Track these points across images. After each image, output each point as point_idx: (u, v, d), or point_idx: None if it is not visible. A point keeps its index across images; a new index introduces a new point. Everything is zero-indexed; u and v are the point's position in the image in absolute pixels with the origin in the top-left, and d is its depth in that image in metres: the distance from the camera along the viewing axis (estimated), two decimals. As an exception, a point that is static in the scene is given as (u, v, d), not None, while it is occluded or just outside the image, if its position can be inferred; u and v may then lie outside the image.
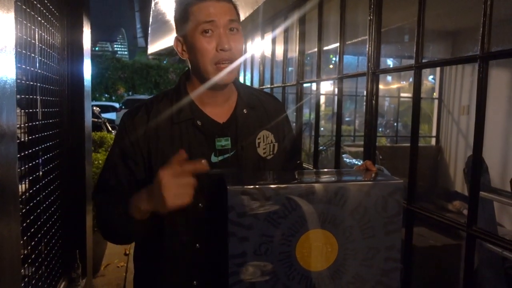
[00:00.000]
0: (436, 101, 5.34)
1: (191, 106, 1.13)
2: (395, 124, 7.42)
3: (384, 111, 11.76)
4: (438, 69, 5.25)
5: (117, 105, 19.91)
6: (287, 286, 0.94)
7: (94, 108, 7.59)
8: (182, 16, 1.08)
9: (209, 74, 1.07)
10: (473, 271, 1.28)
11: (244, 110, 1.16)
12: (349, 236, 0.95)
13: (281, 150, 1.20)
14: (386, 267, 0.98)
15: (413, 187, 1.60)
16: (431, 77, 6.70)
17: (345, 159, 4.79)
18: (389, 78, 9.19)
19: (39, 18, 1.91)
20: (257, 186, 0.91)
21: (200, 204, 1.07)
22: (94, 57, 28.29)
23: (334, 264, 0.96)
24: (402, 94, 7.71)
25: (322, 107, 10.31)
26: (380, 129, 9.92)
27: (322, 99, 9.31)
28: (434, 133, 5.38)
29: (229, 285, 0.92)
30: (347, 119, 10.02)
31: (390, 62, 7.75)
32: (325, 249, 0.95)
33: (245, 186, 0.91)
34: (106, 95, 26.37)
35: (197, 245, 1.09)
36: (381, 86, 7.70)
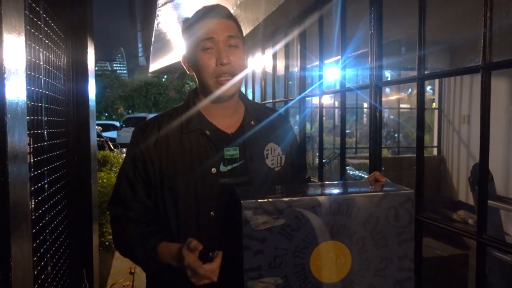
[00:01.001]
0: (436, 111, 5.37)
1: (200, 118, 1.17)
2: (396, 135, 7.44)
3: (384, 123, 11.80)
4: (436, 80, 5.29)
5: (117, 123, 19.99)
6: None
7: (96, 127, 7.64)
8: (187, 34, 1.15)
9: (211, 87, 1.12)
10: (485, 280, 1.28)
11: (252, 122, 1.20)
12: (362, 246, 0.96)
13: (288, 163, 1.23)
14: (400, 277, 0.98)
15: (421, 197, 1.60)
16: (429, 87, 6.74)
17: (348, 171, 4.80)
18: (387, 90, 9.24)
19: (46, 40, 1.95)
20: (270, 200, 0.92)
21: (211, 213, 1.10)
22: (94, 76, 28.52)
23: (348, 275, 0.96)
24: (402, 105, 7.75)
25: (324, 120, 10.35)
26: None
27: (324, 113, 9.30)
28: (435, 143, 5.40)
29: None
30: (347, 131, 10.04)
31: (388, 74, 7.81)
32: (339, 260, 0.96)
33: (259, 200, 0.92)
34: (106, 114, 26.46)
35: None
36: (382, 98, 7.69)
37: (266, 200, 0.92)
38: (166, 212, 1.14)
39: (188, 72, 1.20)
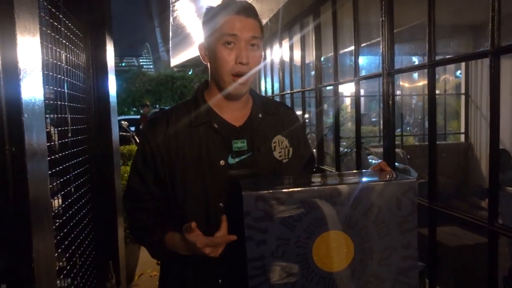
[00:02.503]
0: (462, 97, 5.23)
1: (208, 111, 1.19)
2: (423, 122, 7.28)
3: (411, 109, 11.54)
4: (463, 64, 5.15)
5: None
6: (305, 287, 0.96)
7: (123, 122, 7.79)
8: (209, 24, 1.15)
9: (225, 83, 1.14)
10: (497, 269, 1.26)
11: (260, 115, 1.22)
12: (365, 236, 0.97)
13: (296, 155, 1.24)
14: (404, 265, 0.98)
15: (434, 185, 1.58)
16: (458, 72, 6.55)
17: (370, 160, 4.75)
18: (415, 75, 9.03)
19: (64, 41, 2.01)
20: (270, 191, 0.94)
21: (220, 204, 1.13)
22: (121, 72, 29.04)
23: (351, 264, 0.97)
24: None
25: (348, 109, 10.22)
26: (408, 128, 9.73)
27: (347, 101, 9.23)
28: (462, 129, 5.26)
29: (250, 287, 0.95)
30: (373, 119, 9.89)
31: (415, 60, 7.62)
32: (341, 250, 0.97)
33: (259, 192, 0.94)
34: (134, 109, 26.95)
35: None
36: (406, 84, 7.55)
37: (266, 191, 0.94)
38: (177, 203, 1.17)
39: (203, 61, 1.21)
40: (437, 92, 7.76)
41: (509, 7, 1.22)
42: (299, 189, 0.96)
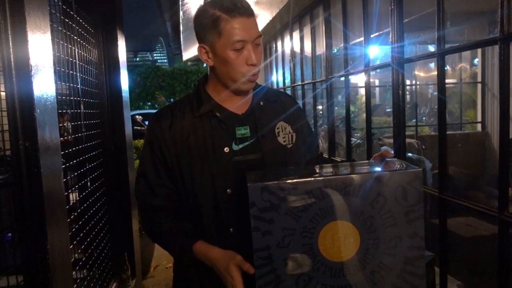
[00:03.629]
0: (479, 86, 5.12)
1: (210, 102, 1.21)
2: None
3: (427, 99, 11.35)
4: (479, 52, 5.04)
5: (159, 112, 20.41)
6: (311, 277, 0.97)
7: (137, 116, 7.86)
8: (211, 27, 1.12)
9: (239, 84, 1.17)
10: (508, 258, 1.24)
11: (261, 102, 1.24)
12: (370, 226, 0.97)
13: (300, 140, 1.26)
14: (411, 255, 0.98)
15: (444, 176, 1.57)
16: (476, 60, 6.42)
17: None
18: (431, 65, 8.88)
19: (76, 38, 2.04)
20: (275, 182, 0.95)
21: (228, 190, 1.15)
22: (135, 67, 29.23)
23: (357, 254, 0.97)
24: (446, 80, 7.42)
25: (362, 99, 10.10)
26: (423, 118, 9.60)
27: (362, 92, 9.14)
28: (479, 118, 5.16)
29: (256, 278, 0.96)
30: (387, 110, 9.76)
31: (432, 48, 7.48)
32: (347, 240, 0.97)
33: (265, 183, 0.95)
34: (149, 104, 27.16)
35: (231, 229, 1.16)
36: (422, 74, 7.40)
37: (272, 182, 0.95)
38: (186, 193, 1.20)
39: (205, 63, 1.20)
40: (453, 80, 7.63)
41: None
42: (304, 179, 0.96)
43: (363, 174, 0.98)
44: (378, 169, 1.03)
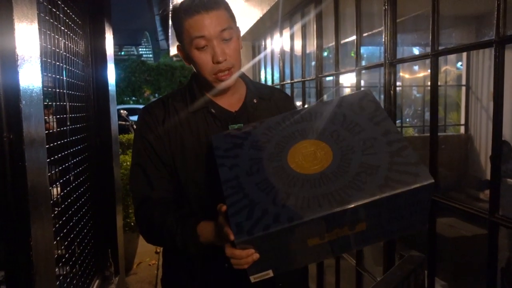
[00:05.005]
0: (463, 88, 5.20)
1: (204, 98, 1.19)
2: (423, 113, 7.26)
3: (411, 101, 11.49)
4: (464, 55, 5.12)
5: (144, 107, 20.25)
6: (290, 193, 0.90)
7: (122, 111, 7.76)
8: (177, 29, 1.13)
9: (211, 83, 1.14)
10: (496, 260, 1.26)
11: (254, 100, 1.23)
12: (338, 137, 0.97)
13: None
14: (393, 148, 0.92)
15: (435, 176, 1.58)
16: (459, 63, 6.51)
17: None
18: (415, 67, 8.99)
19: (63, 28, 1.99)
20: (236, 127, 1.04)
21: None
22: (120, 61, 28.88)
23: (333, 162, 0.93)
24: (428, 83, 7.53)
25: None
26: (407, 120, 9.72)
27: (347, 92, 9.22)
28: (462, 121, 5.24)
29: (227, 206, 0.91)
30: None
31: (416, 51, 7.57)
32: (318, 153, 0.96)
33: (226, 132, 1.05)
34: (134, 98, 26.89)
35: None
36: (407, 76, 7.49)
37: (234, 130, 1.03)
38: (179, 189, 1.17)
39: (185, 63, 1.20)
40: (438, 84, 7.72)
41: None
42: (263, 120, 1.05)
43: (314, 105, 1.06)
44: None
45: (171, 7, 1.18)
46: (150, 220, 1.13)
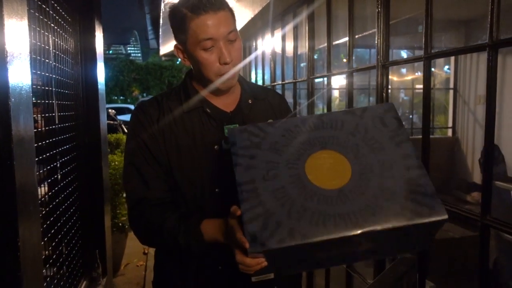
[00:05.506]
0: (451, 92, 5.27)
1: (199, 97, 1.17)
2: (410, 116, 7.33)
3: (399, 104, 11.60)
4: (452, 59, 5.18)
5: (132, 107, 20.16)
6: (306, 207, 0.88)
7: (110, 110, 7.70)
8: (180, 27, 1.10)
9: (215, 84, 1.13)
10: (488, 262, 1.27)
11: (249, 100, 1.22)
12: (357, 152, 0.94)
13: None
14: (410, 175, 0.91)
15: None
16: (446, 67, 6.59)
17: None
18: (403, 70, 9.08)
19: (53, 25, 1.96)
20: (254, 125, 0.98)
21: (216, 190, 1.12)
22: (108, 60, 28.64)
23: (352, 179, 0.91)
24: (416, 86, 7.61)
25: (336, 102, 10.23)
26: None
27: (336, 94, 9.27)
28: (450, 124, 5.31)
29: (242, 212, 0.89)
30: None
31: (404, 54, 7.64)
32: (336, 167, 0.93)
33: (244, 126, 0.98)
34: (122, 97, 26.68)
35: None
36: (395, 78, 7.57)
37: (251, 125, 0.97)
38: (174, 190, 1.15)
39: (183, 63, 1.18)
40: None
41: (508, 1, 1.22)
42: (283, 119, 1.00)
43: (338, 112, 1.01)
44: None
45: (169, 4, 1.14)
46: (148, 220, 1.10)
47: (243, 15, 3.99)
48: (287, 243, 0.84)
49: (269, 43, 4.06)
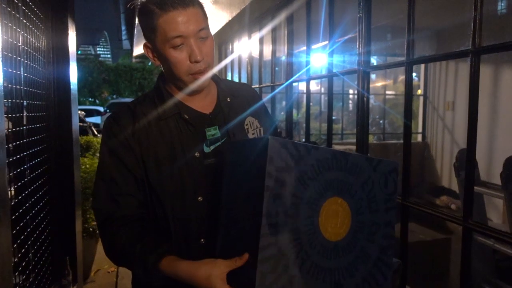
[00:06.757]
0: (421, 98, 5.40)
1: (175, 102, 1.12)
2: (381, 121, 7.48)
3: (370, 108, 11.84)
4: (422, 66, 5.31)
5: (101, 109, 19.73)
6: (309, 255, 0.89)
7: (79, 112, 7.49)
8: (148, 25, 1.05)
9: (186, 83, 1.08)
10: (470, 264, 1.29)
11: (228, 99, 1.18)
12: (359, 208, 0.95)
13: (266, 133, 1.22)
14: (384, 243, 0.98)
15: (407, 183, 1.60)
16: (414, 74, 6.76)
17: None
18: (373, 76, 9.27)
19: (23, 20, 1.87)
20: (294, 142, 0.89)
21: (199, 198, 1.07)
22: (77, 60, 27.96)
23: (347, 236, 0.94)
24: (387, 92, 7.78)
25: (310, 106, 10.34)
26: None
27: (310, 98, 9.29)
28: (419, 129, 5.44)
29: (259, 248, 0.84)
30: (333, 117, 10.04)
31: (373, 61, 7.79)
32: (342, 218, 0.93)
33: (284, 139, 0.88)
34: (91, 99, 26.08)
35: (202, 240, 1.07)
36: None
37: (290, 141, 0.89)
38: (152, 201, 1.09)
39: (153, 63, 1.12)
40: (395, 92, 7.98)
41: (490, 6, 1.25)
42: (316, 146, 0.93)
43: (360, 156, 0.99)
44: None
45: (139, 2, 1.09)
46: (113, 241, 1.05)
47: (219, 18, 3.97)
48: None
49: (246, 46, 4.04)
